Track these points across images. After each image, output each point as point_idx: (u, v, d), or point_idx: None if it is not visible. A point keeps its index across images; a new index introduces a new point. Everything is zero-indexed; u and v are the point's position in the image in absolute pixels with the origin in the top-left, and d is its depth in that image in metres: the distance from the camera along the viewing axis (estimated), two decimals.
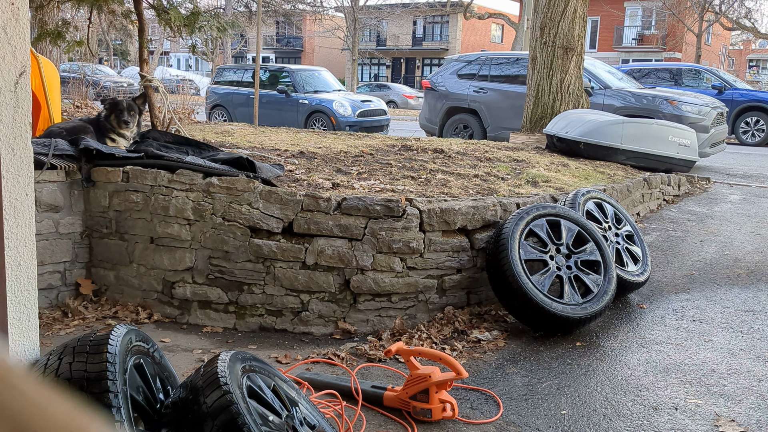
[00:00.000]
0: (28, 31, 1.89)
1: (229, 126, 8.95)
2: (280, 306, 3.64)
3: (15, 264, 1.88)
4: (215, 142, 6.06)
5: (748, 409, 2.65)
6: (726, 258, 4.73)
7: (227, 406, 1.73)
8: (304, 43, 45.77)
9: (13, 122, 1.85)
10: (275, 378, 2.20)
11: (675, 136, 6.95)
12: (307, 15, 37.58)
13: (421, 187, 4.23)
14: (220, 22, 6.83)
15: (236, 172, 3.80)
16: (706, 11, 30.23)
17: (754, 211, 6.24)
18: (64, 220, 3.86)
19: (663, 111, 8.66)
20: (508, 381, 2.94)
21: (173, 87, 21.10)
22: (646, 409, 2.67)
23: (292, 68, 14.42)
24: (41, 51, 10.73)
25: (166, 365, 2.10)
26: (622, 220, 4.21)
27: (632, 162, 6.81)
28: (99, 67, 24.67)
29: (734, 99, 13.54)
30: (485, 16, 32.40)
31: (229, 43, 31.93)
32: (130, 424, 1.62)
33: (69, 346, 1.78)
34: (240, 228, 3.64)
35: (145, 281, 3.87)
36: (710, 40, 37.86)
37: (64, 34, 6.86)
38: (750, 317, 3.66)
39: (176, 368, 2.33)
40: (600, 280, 3.54)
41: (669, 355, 3.19)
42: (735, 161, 10.12)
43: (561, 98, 7.98)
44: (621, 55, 34.78)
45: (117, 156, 3.98)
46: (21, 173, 1.89)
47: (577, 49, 7.94)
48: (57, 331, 3.50)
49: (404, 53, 42.19)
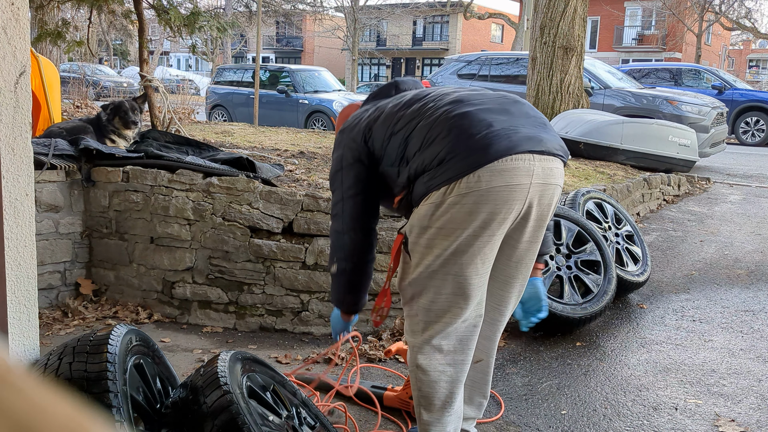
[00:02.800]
0: (28, 31, 1.89)
1: (229, 126, 8.96)
2: (280, 306, 3.64)
3: (15, 264, 1.88)
4: (215, 142, 6.06)
5: (748, 409, 2.65)
6: (726, 258, 4.73)
7: (227, 406, 1.73)
8: (304, 43, 45.78)
9: (13, 122, 1.85)
10: (275, 378, 2.20)
11: (675, 136, 6.95)
12: (307, 15, 37.58)
13: None
14: (220, 22, 6.83)
15: (236, 172, 3.80)
16: (706, 11, 30.24)
17: (754, 211, 6.24)
18: (64, 220, 3.86)
19: (663, 111, 8.66)
20: (508, 381, 2.94)
21: (173, 87, 21.10)
22: (646, 409, 2.67)
23: (292, 68, 14.42)
24: (41, 51, 10.73)
25: (166, 365, 2.10)
26: (622, 220, 4.21)
27: (632, 162, 6.81)
28: (99, 67, 24.67)
29: (734, 99, 13.54)
30: (485, 16, 32.41)
31: (229, 43, 31.94)
32: (130, 424, 1.62)
33: (69, 346, 1.78)
34: (240, 228, 3.64)
35: (145, 281, 3.87)
36: (710, 40, 37.87)
37: (64, 34, 6.86)
38: (750, 317, 3.66)
39: (176, 368, 2.33)
40: (600, 280, 3.54)
41: (669, 355, 3.19)
42: (735, 161, 10.12)
43: (561, 98, 7.98)
44: (621, 55, 34.79)
45: (117, 156, 3.98)
46: (21, 173, 1.89)
47: (577, 49, 7.94)
48: (57, 331, 3.50)
49: (404, 53, 42.19)
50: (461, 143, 1.82)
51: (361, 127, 2.06)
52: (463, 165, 1.81)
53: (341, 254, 2.08)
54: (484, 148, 1.81)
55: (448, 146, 1.83)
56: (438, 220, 1.86)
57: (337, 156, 2.10)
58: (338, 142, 2.12)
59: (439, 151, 1.84)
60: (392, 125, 1.98)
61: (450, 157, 1.83)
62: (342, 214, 2.06)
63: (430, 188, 1.86)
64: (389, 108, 2.04)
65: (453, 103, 1.92)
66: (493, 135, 1.82)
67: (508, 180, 1.82)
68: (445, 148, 1.84)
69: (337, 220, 2.09)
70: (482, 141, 1.81)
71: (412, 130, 1.92)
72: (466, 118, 1.85)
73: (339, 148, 2.11)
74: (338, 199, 2.07)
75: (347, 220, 2.06)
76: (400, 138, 1.95)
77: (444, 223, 1.85)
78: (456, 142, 1.83)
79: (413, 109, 1.97)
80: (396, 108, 2.01)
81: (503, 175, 1.81)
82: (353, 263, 2.08)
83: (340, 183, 2.07)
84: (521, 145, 1.84)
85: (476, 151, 1.81)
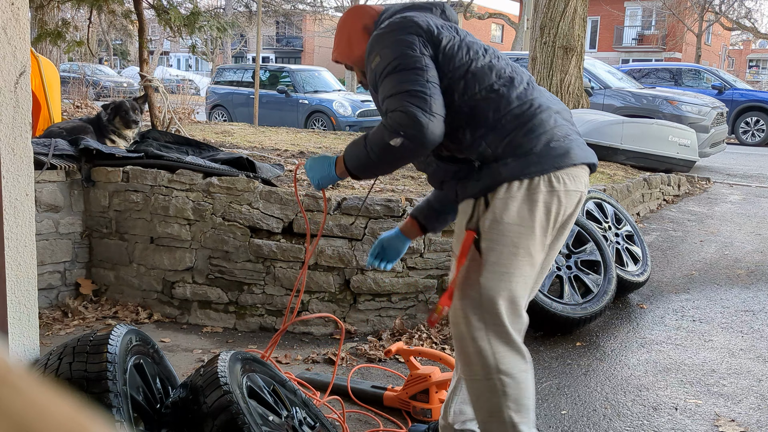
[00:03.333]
0: (28, 31, 1.89)
1: (229, 126, 8.96)
2: (280, 306, 3.64)
3: (15, 264, 1.88)
4: (215, 142, 6.06)
5: (748, 409, 2.65)
6: (726, 258, 4.73)
7: (227, 406, 1.73)
8: (304, 43, 45.77)
9: (13, 122, 1.85)
10: (275, 378, 2.20)
11: (675, 136, 6.95)
12: (307, 15, 37.56)
13: (421, 187, 4.23)
14: (220, 22, 6.84)
15: (236, 172, 3.80)
16: (706, 11, 30.23)
17: (754, 211, 6.24)
18: (64, 220, 3.86)
19: (663, 111, 8.66)
20: None
21: (173, 87, 21.09)
22: (646, 409, 2.67)
23: (292, 68, 14.42)
24: (41, 51, 10.73)
25: (166, 365, 2.10)
26: (622, 220, 4.21)
27: (632, 162, 6.81)
28: (99, 67, 24.66)
29: (734, 99, 13.53)
30: (485, 16, 32.39)
31: (229, 43, 31.93)
32: (130, 424, 1.62)
33: (69, 346, 1.78)
34: (240, 228, 3.64)
35: (145, 281, 3.87)
36: (710, 40, 37.86)
37: (64, 34, 6.87)
38: (750, 317, 3.66)
39: (176, 368, 2.33)
40: (600, 280, 3.54)
41: (669, 355, 3.19)
42: (735, 161, 10.12)
43: (561, 98, 7.97)
44: (621, 55, 34.78)
45: (117, 156, 3.98)
46: (21, 173, 1.89)
47: (577, 49, 7.94)
48: (57, 331, 3.50)
49: None
50: (545, 140, 1.85)
51: (433, 25, 1.90)
52: (550, 163, 1.84)
53: (414, 132, 1.77)
54: (567, 152, 1.86)
55: (535, 139, 1.85)
56: (519, 217, 1.83)
57: (403, 44, 1.85)
58: (392, 35, 1.88)
59: (524, 140, 1.84)
60: (479, 59, 1.90)
61: (537, 149, 1.83)
62: (430, 97, 1.79)
63: (515, 175, 1.82)
64: (468, 38, 1.94)
65: (535, 91, 1.94)
66: (571, 140, 1.90)
67: (578, 186, 1.89)
68: (532, 140, 1.84)
69: (418, 98, 1.78)
70: (564, 144, 1.87)
71: (502, 87, 1.87)
72: (551, 116, 1.90)
73: (398, 42, 1.85)
74: (416, 79, 1.81)
75: (437, 103, 1.80)
76: (486, 83, 1.87)
77: (523, 220, 1.84)
78: (543, 136, 1.86)
79: (503, 67, 1.93)
80: (478, 46, 1.94)
81: (575, 181, 1.88)
82: (416, 150, 1.81)
83: (412, 65, 1.81)
84: (588, 157, 1.93)
85: (561, 153, 1.85)
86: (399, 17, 1.96)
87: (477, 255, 1.87)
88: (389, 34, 1.90)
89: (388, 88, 1.84)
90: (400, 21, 1.93)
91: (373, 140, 1.85)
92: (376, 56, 1.90)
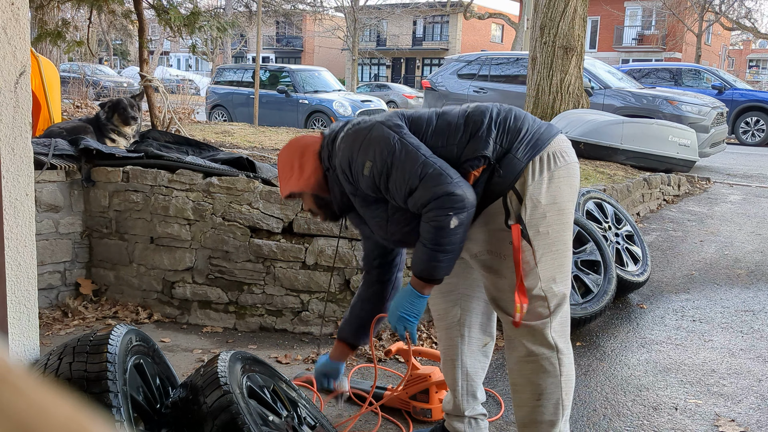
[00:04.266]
0: (28, 31, 1.89)
1: (229, 126, 8.96)
2: (280, 306, 3.64)
3: (15, 264, 1.88)
4: (215, 142, 6.07)
5: (748, 409, 2.65)
6: (726, 258, 4.73)
7: (227, 406, 1.73)
8: (304, 43, 45.77)
9: (13, 122, 1.85)
10: (275, 378, 2.20)
11: (675, 136, 6.95)
12: (307, 15, 37.57)
13: None
14: (220, 22, 6.84)
15: (236, 172, 3.80)
16: (706, 11, 30.23)
17: (754, 211, 6.24)
18: (64, 220, 3.86)
19: (663, 111, 8.66)
20: (508, 381, 2.93)
21: (173, 87, 21.09)
22: (646, 409, 2.67)
23: (292, 68, 14.42)
24: (41, 51, 10.72)
25: (166, 365, 2.10)
26: (622, 220, 4.21)
27: (632, 162, 6.81)
28: (99, 67, 24.67)
29: (734, 99, 13.53)
30: (485, 16, 32.39)
31: (229, 43, 31.93)
32: (130, 424, 1.62)
33: (69, 346, 1.78)
34: (240, 228, 3.64)
35: (145, 281, 3.87)
36: (710, 40, 37.86)
37: (64, 34, 6.87)
38: (750, 317, 3.66)
39: (176, 368, 2.33)
40: (600, 280, 3.54)
41: (669, 355, 3.19)
42: (735, 161, 10.12)
43: (561, 98, 7.98)
44: (621, 55, 34.78)
45: (117, 156, 3.98)
46: (21, 173, 1.89)
47: (577, 49, 7.94)
48: (57, 331, 3.50)
49: (404, 53, 42.19)
50: (536, 122, 1.96)
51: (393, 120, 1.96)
52: (544, 138, 1.91)
53: (459, 205, 1.80)
54: (547, 126, 1.96)
55: (528, 123, 1.93)
56: (553, 196, 1.88)
57: (383, 139, 1.88)
58: (367, 136, 1.91)
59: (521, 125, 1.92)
60: (436, 114, 1.98)
61: (533, 129, 1.92)
62: (440, 167, 1.83)
63: (531, 156, 1.87)
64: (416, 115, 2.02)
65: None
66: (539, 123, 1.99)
67: (574, 157, 1.99)
68: (526, 124, 1.93)
69: (435, 177, 1.82)
70: (538, 124, 1.96)
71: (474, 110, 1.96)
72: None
73: (376, 139, 1.89)
74: (420, 164, 1.83)
75: (446, 166, 1.85)
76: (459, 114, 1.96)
77: (555, 198, 1.89)
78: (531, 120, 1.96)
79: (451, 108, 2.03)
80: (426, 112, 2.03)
81: (570, 153, 1.97)
82: (470, 214, 1.84)
83: (406, 153, 1.85)
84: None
85: (544, 129, 1.94)
86: (354, 125, 1.97)
87: (528, 245, 1.89)
88: (364, 139, 1.90)
89: (401, 184, 1.85)
90: (364, 125, 1.95)
91: (434, 239, 1.83)
92: (366, 162, 1.88)
